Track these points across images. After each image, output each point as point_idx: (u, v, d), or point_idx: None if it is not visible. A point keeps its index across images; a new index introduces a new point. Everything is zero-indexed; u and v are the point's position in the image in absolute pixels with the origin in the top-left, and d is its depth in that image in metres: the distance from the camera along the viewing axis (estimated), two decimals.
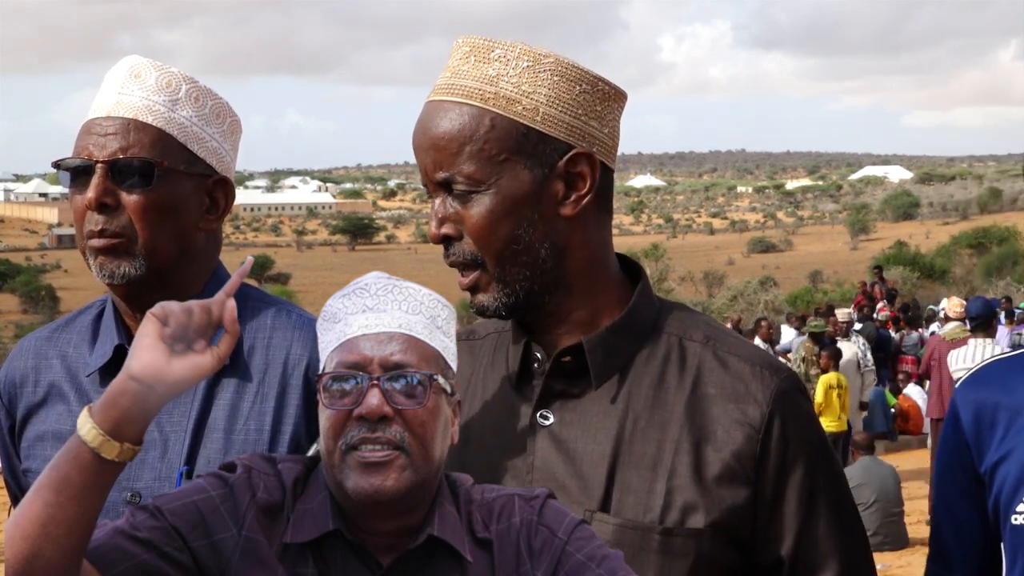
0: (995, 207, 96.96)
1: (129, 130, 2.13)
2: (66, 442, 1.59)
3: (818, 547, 1.88)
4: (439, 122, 1.86)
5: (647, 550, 1.82)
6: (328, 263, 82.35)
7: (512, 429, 1.91)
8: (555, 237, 1.88)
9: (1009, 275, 38.77)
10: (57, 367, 2.25)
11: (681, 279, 51.72)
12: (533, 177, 1.85)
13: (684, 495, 1.83)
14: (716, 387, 1.87)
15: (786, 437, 1.85)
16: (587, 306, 1.92)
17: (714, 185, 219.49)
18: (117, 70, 2.20)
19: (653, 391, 1.88)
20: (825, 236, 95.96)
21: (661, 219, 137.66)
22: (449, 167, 1.84)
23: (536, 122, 1.85)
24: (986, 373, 1.94)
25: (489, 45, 1.88)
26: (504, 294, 1.87)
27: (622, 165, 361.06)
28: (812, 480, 1.87)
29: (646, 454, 1.85)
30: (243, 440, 2.15)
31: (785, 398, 1.87)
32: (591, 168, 1.88)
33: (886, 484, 11.07)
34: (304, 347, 2.20)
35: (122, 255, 2.13)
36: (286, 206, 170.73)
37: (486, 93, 1.85)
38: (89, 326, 2.28)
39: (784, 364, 1.96)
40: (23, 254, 78.98)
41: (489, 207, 1.84)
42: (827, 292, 42.10)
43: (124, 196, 2.12)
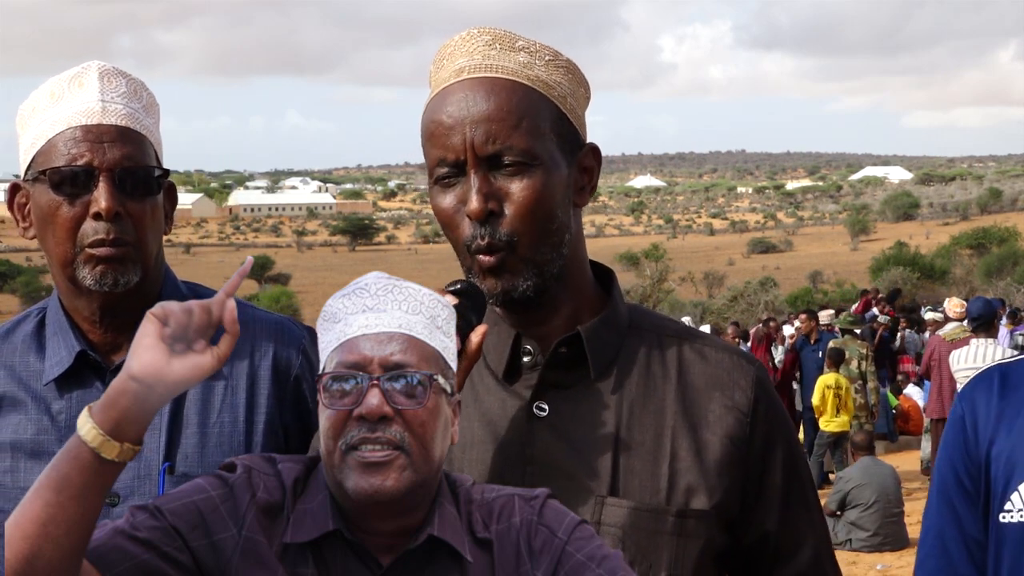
0: (995, 207, 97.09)
1: (127, 138, 2.12)
2: (56, 446, 1.59)
3: (798, 521, 1.98)
4: (491, 96, 1.85)
5: (662, 532, 1.86)
6: (328, 264, 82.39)
7: (506, 421, 1.92)
8: (571, 224, 1.92)
9: (1009, 276, 38.79)
10: (4, 377, 2.22)
11: (681, 280, 51.74)
12: (566, 161, 1.90)
13: (688, 478, 1.88)
14: (700, 377, 1.95)
15: (769, 419, 1.95)
16: (574, 299, 1.95)
17: (714, 186, 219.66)
18: (86, 75, 2.16)
19: (643, 381, 1.93)
20: (825, 237, 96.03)
21: (661, 220, 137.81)
22: (504, 140, 1.84)
23: (567, 111, 1.91)
24: (989, 375, 1.99)
25: (511, 36, 1.91)
26: (534, 275, 1.87)
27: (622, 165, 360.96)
28: (791, 458, 1.98)
29: (645, 440, 1.90)
30: (219, 433, 2.16)
31: (763, 384, 1.98)
32: (596, 164, 1.96)
33: (886, 484, 11.08)
34: (268, 338, 2.23)
35: (128, 264, 2.13)
36: (286, 207, 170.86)
37: (529, 75, 1.88)
38: (31, 336, 2.24)
39: (752, 354, 2.07)
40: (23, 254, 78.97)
41: (540, 183, 1.85)
42: (827, 293, 42.13)
43: (130, 204, 2.12)
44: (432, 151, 1.88)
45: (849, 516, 11.08)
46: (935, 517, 2.00)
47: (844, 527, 11.10)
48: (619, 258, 63.53)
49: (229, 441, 2.16)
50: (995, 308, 11.79)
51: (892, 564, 10.54)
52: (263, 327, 2.25)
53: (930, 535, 2.01)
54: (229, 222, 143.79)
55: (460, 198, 1.86)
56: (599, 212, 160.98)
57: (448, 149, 1.85)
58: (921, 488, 13.61)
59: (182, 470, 2.14)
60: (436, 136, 1.87)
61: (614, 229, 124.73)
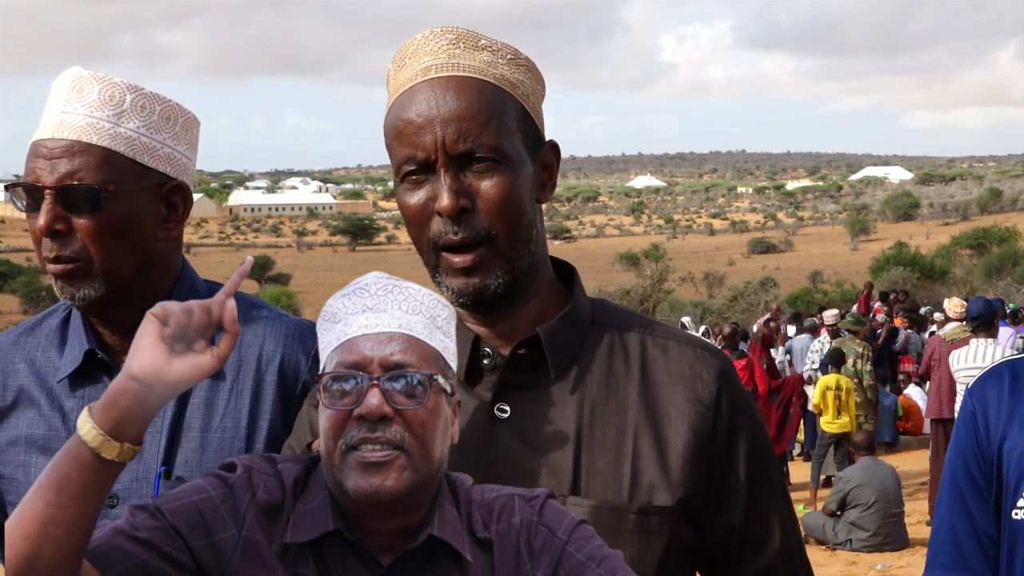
0: (995, 208, 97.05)
1: (75, 152, 2.08)
2: (65, 443, 1.60)
3: (765, 515, 1.97)
4: (461, 95, 1.86)
5: (623, 530, 1.87)
6: (328, 264, 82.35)
7: (468, 423, 1.91)
8: (536, 221, 1.94)
9: (1009, 276, 38.77)
10: (24, 372, 2.23)
11: (681, 280, 51.72)
12: (531, 158, 1.92)
13: (650, 475, 1.89)
14: (663, 373, 1.95)
15: (732, 411, 1.95)
16: (539, 297, 1.96)
17: (714, 186, 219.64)
18: (60, 84, 2.15)
19: (605, 379, 1.94)
20: (825, 237, 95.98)
21: (661, 220, 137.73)
22: (476, 138, 1.85)
23: (530, 109, 1.92)
24: (999, 372, 2.01)
25: (474, 35, 1.92)
26: (506, 271, 1.89)
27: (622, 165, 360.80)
28: (757, 449, 1.97)
29: (607, 439, 1.90)
30: (219, 438, 2.15)
31: (727, 376, 1.97)
32: (556, 160, 1.98)
33: (886, 485, 11.08)
34: (277, 342, 2.20)
35: (80, 278, 2.10)
36: (286, 207, 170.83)
37: (494, 74, 1.89)
38: (56, 330, 2.25)
39: (715, 345, 2.04)
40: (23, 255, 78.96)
41: (510, 180, 1.87)
42: (827, 293, 42.12)
43: (75, 220, 2.09)
44: (400, 149, 1.88)
45: (849, 516, 11.08)
46: (947, 512, 2.01)
47: (844, 527, 11.10)
48: (619, 258, 63.57)
49: (230, 447, 2.14)
50: (995, 308, 11.78)
51: (892, 564, 10.54)
52: (275, 330, 2.22)
53: (942, 530, 2.01)
54: (229, 222, 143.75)
55: (430, 196, 1.87)
56: (599, 212, 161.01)
57: (418, 147, 1.86)
58: (922, 488, 13.60)
59: (180, 474, 2.12)
60: (405, 134, 1.87)
61: (614, 229, 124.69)
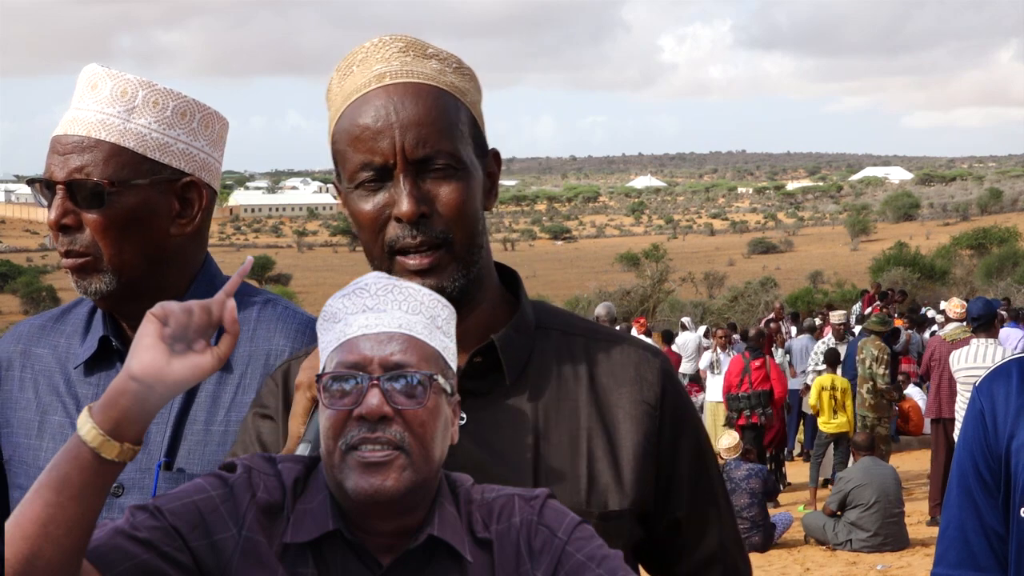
0: (995, 208, 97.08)
1: (84, 148, 2.13)
2: (67, 440, 1.60)
3: (704, 507, 2.02)
4: (418, 101, 1.87)
5: None
6: (329, 264, 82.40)
7: None
8: (486, 227, 1.97)
9: (1009, 276, 38.79)
10: (47, 356, 2.27)
11: (682, 280, 51.75)
12: (480, 165, 1.94)
13: (605, 477, 1.92)
14: (608, 375, 1.98)
15: (675, 409, 2.00)
16: (486, 302, 1.98)
17: (714, 186, 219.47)
18: (79, 81, 2.19)
19: (556, 383, 1.96)
20: (825, 237, 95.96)
21: (661, 220, 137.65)
22: (435, 144, 1.86)
23: (477, 116, 1.96)
24: (1007, 369, 2.02)
25: (421, 43, 1.94)
26: (462, 275, 1.90)
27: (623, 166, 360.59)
28: (698, 446, 2.03)
29: (563, 443, 1.92)
30: (223, 432, 2.16)
31: (669, 375, 2.02)
32: (498, 168, 2.01)
33: (886, 485, 11.09)
34: (287, 338, 2.21)
35: (91, 272, 2.15)
36: (287, 207, 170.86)
37: (445, 82, 1.92)
38: (84, 318, 2.30)
39: (656, 346, 2.09)
40: (24, 255, 78.98)
41: (465, 185, 1.89)
42: (827, 293, 42.12)
43: (84, 215, 2.13)
44: (355, 156, 1.88)
45: (849, 516, 11.08)
46: (955, 509, 2.02)
47: (844, 527, 11.11)
48: (619, 258, 63.56)
49: (232, 440, 2.14)
50: (995, 308, 11.79)
51: (892, 564, 10.54)
52: (287, 326, 2.23)
53: (951, 527, 2.02)
54: (230, 222, 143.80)
55: (387, 201, 1.87)
56: (599, 212, 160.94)
57: (375, 153, 1.86)
58: (921, 488, 13.61)
59: (182, 466, 2.14)
60: (362, 140, 1.87)
61: (614, 229, 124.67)
